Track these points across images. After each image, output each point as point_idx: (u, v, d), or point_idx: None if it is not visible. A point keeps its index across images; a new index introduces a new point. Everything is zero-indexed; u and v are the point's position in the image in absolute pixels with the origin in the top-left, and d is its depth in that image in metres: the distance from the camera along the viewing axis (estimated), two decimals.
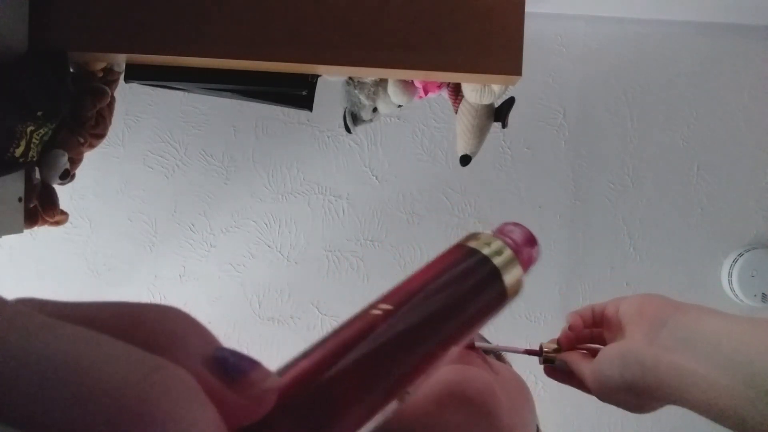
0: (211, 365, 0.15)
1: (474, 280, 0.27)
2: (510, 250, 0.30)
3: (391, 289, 0.26)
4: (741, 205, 1.63)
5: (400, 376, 0.22)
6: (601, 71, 1.62)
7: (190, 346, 0.15)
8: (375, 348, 0.22)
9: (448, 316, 0.25)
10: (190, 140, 1.58)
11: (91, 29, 0.77)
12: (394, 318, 0.23)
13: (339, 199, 1.60)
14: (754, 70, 1.62)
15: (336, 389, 0.20)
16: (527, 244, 0.32)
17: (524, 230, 0.33)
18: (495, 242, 0.30)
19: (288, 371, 0.20)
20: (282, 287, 1.60)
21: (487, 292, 0.28)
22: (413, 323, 0.24)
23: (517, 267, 0.30)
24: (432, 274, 0.27)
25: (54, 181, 0.85)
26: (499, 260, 0.29)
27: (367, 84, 0.99)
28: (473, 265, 0.28)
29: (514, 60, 0.79)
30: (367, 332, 0.22)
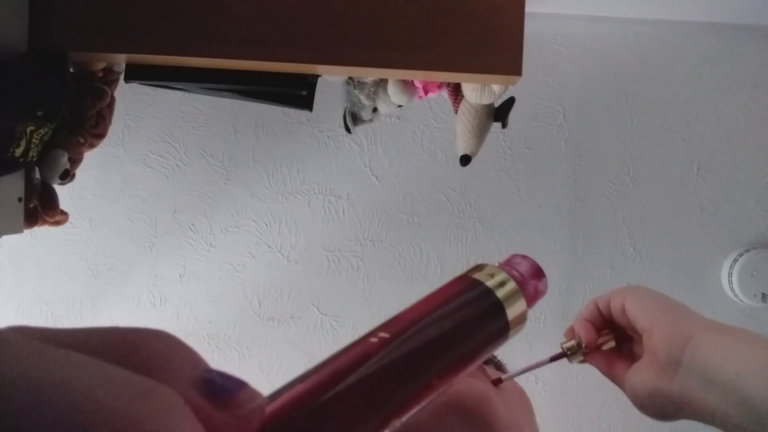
0: (200, 386, 0.15)
1: (475, 311, 0.27)
2: (514, 282, 0.29)
3: (392, 318, 0.25)
4: (741, 205, 1.63)
5: (394, 406, 0.22)
6: (601, 71, 1.62)
7: (179, 369, 0.15)
8: (369, 376, 0.21)
9: (447, 347, 0.25)
10: (190, 140, 1.58)
11: (91, 29, 0.77)
12: (390, 346, 0.23)
13: (339, 199, 1.60)
14: (754, 70, 1.62)
15: (328, 416, 0.20)
16: (534, 277, 0.31)
17: (531, 263, 0.32)
18: (499, 274, 0.29)
19: (281, 395, 0.20)
20: (282, 287, 1.60)
21: (489, 325, 0.27)
22: (410, 353, 0.23)
23: (521, 300, 0.29)
24: (433, 304, 0.27)
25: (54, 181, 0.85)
26: (502, 293, 0.28)
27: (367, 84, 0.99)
28: (475, 297, 0.28)
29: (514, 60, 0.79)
30: (362, 360, 0.22)
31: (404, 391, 0.22)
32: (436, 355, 0.24)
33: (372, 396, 0.21)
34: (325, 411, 0.20)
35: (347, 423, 0.20)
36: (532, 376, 1.60)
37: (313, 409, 0.20)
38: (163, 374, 0.15)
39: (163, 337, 0.16)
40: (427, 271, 1.61)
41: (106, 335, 0.15)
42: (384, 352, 0.22)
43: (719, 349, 0.43)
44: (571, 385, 1.61)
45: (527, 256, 0.32)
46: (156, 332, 0.16)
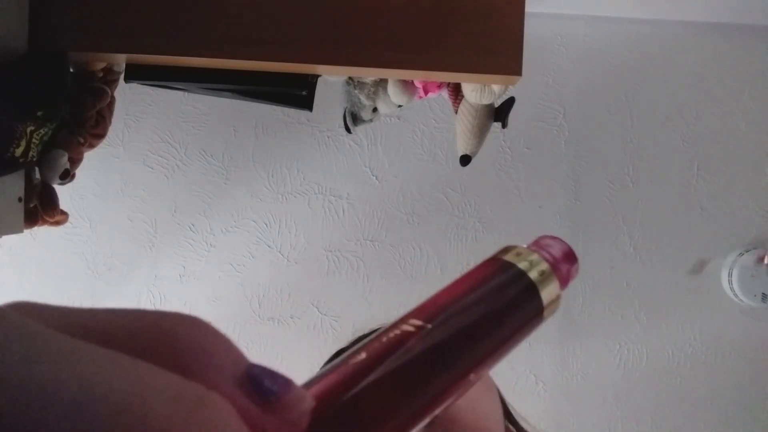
0: (245, 386, 0.14)
1: (510, 295, 0.26)
2: (548, 264, 0.28)
3: (423, 303, 0.25)
4: (741, 205, 1.63)
5: (433, 396, 0.21)
6: (601, 71, 1.62)
7: (220, 365, 0.14)
8: (408, 365, 0.21)
9: (483, 334, 0.24)
10: (190, 140, 1.58)
11: (91, 29, 0.77)
12: (427, 334, 0.22)
13: (339, 199, 1.60)
14: (754, 70, 1.62)
15: (366, 407, 0.19)
16: (566, 260, 0.30)
17: (563, 245, 0.31)
18: (532, 256, 0.28)
19: (315, 386, 0.19)
20: (282, 287, 1.60)
21: (524, 309, 0.26)
22: (447, 340, 0.22)
23: (555, 283, 0.28)
24: (465, 288, 0.26)
25: (54, 181, 0.85)
26: (536, 275, 0.27)
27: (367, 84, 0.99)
28: (509, 280, 0.27)
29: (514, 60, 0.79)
30: (398, 348, 0.21)
31: (442, 380, 0.22)
32: (473, 342, 0.23)
33: (410, 385, 0.21)
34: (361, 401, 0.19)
35: (385, 414, 0.19)
36: (532, 376, 1.60)
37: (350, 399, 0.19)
38: (205, 371, 0.13)
39: (199, 325, 0.14)
40: (427, 271, 1.61)
41: (137, 321, 0.13)
42: (420, 339, 0.22)
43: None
44: (571, 385, 1.61)
45: (557, 238, 0.31)
46: (191, 319, 0.14)
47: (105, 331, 0.13)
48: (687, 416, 1.62)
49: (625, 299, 1.61)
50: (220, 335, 0.15)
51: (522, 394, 1.60)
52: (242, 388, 0.14)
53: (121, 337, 0.13)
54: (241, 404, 0.13)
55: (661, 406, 1.61)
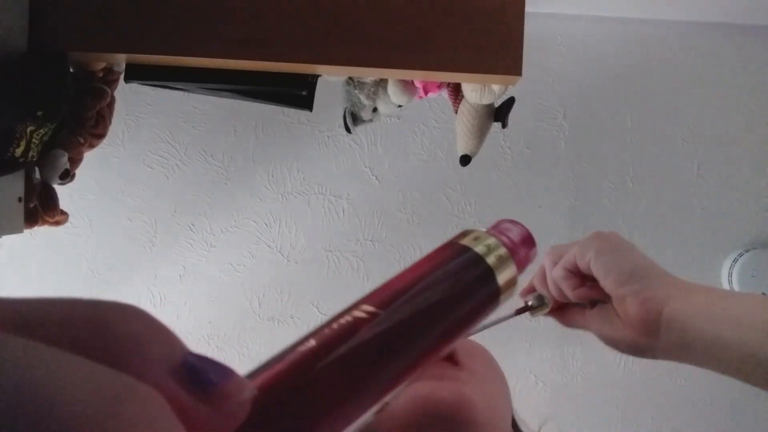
0: (180, 375, 0.13)
1: (465, 279, 0.26)
2: (505, 248, 0.28)
3: (378, 288, 0.24)
4: (741, 205, 1.63)
5: (384, 382, 0.21)
6: (601, 71, 1.62)
7: (154, 353, 0.13)
8: (357, 352, 0.20)
9: (437, 318, 0.24)
10: (190, 140, 1.58)
11: (91, 29, 0.77)
12: (378, 319, 0.21)
13: (339, 199, 1.60)
14: (754, 70, 1.62)
15: (313, 396, 0.18)
16: (524, 244, 0.30)
17: (521, 229, 0.31)
18: (489, 240, 0.28)
19: (260, 375, 0.18)
20: (282, 287, 1.60)
21: (479, 293, 0.26)
22: (399, 325, 0.22)
23: (512, 266, 0.28)
24: (421, 272, 0.25)
25: (54, 181, 0.85)
26: (492, 259, 0.27)
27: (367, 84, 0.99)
28: (465, 264, 0.26)
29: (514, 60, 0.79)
30: (349, 335, 0.20)
31: (395, 365, 0.21)
32: (427, 327, 0.23)
33: (361, 372, 0.20)
34: (311, 389, 0.18)
35: (336, 401, 0.19)
36: (532, 376, 1.60)
37: (299, 386, 0.18)
38: (137, 359, 0.13)
39: (135, 313, 0.14)
40: None
41: (67, 310, 0.13)
42: (372, 325, 0.21)
43: (695, 312, 0.43)
44: (571, 385, 1.61)
45: (517, 222, 0.31)
46: (127, 307, 0.14)
47: (30, 320, 0.12)
48: (687, 416, 1.62)
49: None
50: (156, 324, 0.14)
51: (522, 394, 1.60)
52: (177, 379, 0.13)
53: (48, 327, 0.12)
54: (175, 395, 0.13)
55: (661, 406, 1.61)
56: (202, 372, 0.14)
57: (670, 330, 0.44)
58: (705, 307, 0.43)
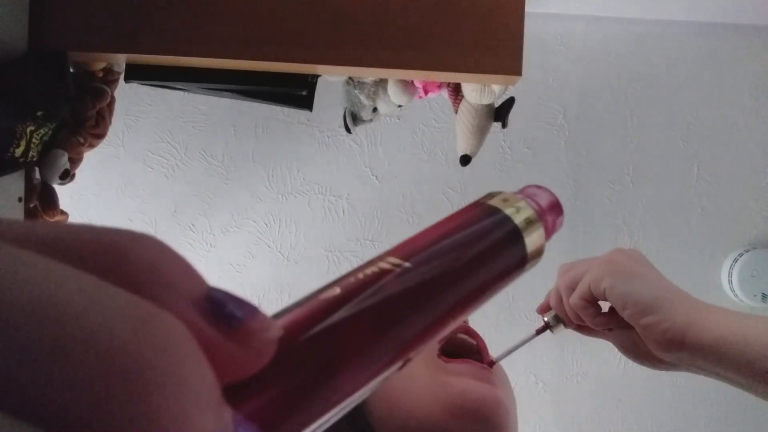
0: (205, 309, 0.13)
1: (494, 239, 0.25)
2: (534, 211, 0.27)
3: (404, 241, 0.23)
4: (741, 205, 1.63)
5: (409, 336, 0.20)
6: (601, 71, 1.62)
7: (177, 285, 0.13)
8: (385, 302, 0.20)
9: (464, 277, 0.23)
10: (190, 140, 1.58)
11: (91, 29, 0.77)
12: (405, 273, 0.21)
13: (339, 199, 1.60)
14: (754, 70, 1.62)
15: (335, 342, 0.18)
16: (552, 211, 0.29)
17: (550, 195, 0.30)
18: (519, 203, 0.27)
19: (283, 317, 0.17)
20: (282, 287, 1.60)
21: (507, 255, 0.25)
22: (427, 280, 0.21)
23: (540, 230, 0.27)
24: (448, 229, 0.24)
25: (54, 181, 0.85)
26: (521, 222, 0.26)
27: (367, 84, 0.99)
28: (494, 224, 0.25)
29: (514, 60, 0.79)
30: (374, 285, 0.20)
31: (421, 321, 0.21)
32: (454, 284, 0.22)
33: (386, 323, 0.19)
34: (331, 337, 0.18)
35: (359, 351, 0.18)
36: (532, 376, 1.60)
37: (319, 333, 0.17)
38: (158, 289, 0.12)
39: (155, 243, 0.13)
40: None
41: (86, 234, 0.12)
42: (399, 277, 0.20)
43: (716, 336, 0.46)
44: (571, 385, 1.61)
45: (544, 187, 0.30)
46: (147, 237, 0.13)
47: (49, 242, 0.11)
48: (687, 416, 1.62)
49: None
50: (178, 256, 0.13)
51: (522, 394, 1.60)
52: (201, 311, 0.13)
53: (67, 249, 0.11)
54: (199, 328, 0.12)
55: (661, 406, 1.61)
56: (227, 306, 0.13)
57: (695, 355, 0.46)
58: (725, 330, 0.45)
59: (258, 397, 0.14)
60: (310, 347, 0.17)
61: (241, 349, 0.13)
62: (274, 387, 0.15)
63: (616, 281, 0.50)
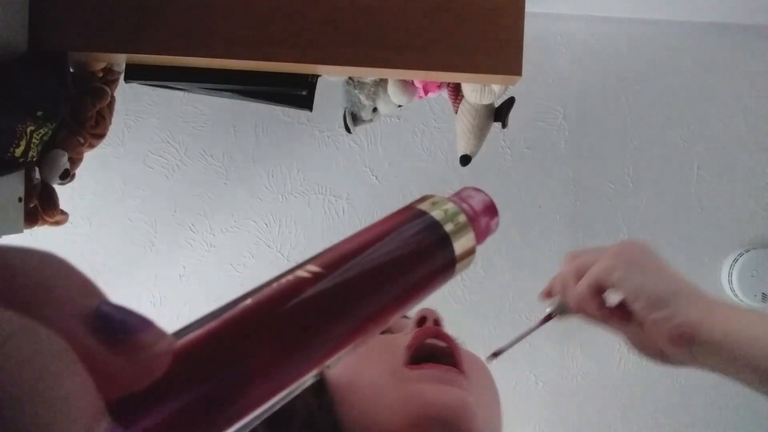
0: (93, 323, 0.13)
1: (418, 243, 0.24)
2: (464, 216, 0.27)
3: (327, 249, 0.23)
4: (741, 205, 1.63)
5: (323, 346, 0.19)
6: (601, 71, 1.62)
7: (64, 300, 0.13)
8: (296, 312, 0.19)
9: (384, 283, 0.22)
10: (190, 140, 1.58)
11: (91, 29, 0.77)
12: (322, 281, 0.20)
13: (339, 199, 1.60)
14: (754, 70, 1.62)
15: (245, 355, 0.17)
16: (486, 213, 0.29)
17: (484, 198, 0.29)
18: (448, 206, 0.27)
19: (190, 332, 0.17)
20: None
21: (433, 259, 0.24)
22: (343, 287, 0.21)
23: (470, 234, 0.27)
24: (373, 234, 0.24)
25: (54, 181, 0.85)
26: (450, 226, 0.26)
27: (367, 84, 0.99)
28: (419, 228, 0.25)
29: (514, 60, 0.79)
30: (289, 294, 0.19)
31: (337, 329, 0.20)
32: (373, 290, 0.21)
33: (300, 333, 0.19)
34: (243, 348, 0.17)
35: (269, 362, 0.17)
36: (532, 376, 1.60)
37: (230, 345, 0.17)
38: (45, 306, 0.12)
39: (49, 259, 0.13)
40: None
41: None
42: (314, 285, 0.20)
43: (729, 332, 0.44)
44: (571, 385, 1.61)
45: (480, 190, 0.30)
46: (41, 254, 0.13)
47: None
48: (687, 416, 1.62)
49: None
50: (71, 271, 0.14)
51: (522, 394, 1.60)
52: (88, 326, 0.13)
53: None
54: (84, 342, 0.12)
55: (661, 406, 1.60)
56: (116, 321, 0.13)
57: (706, 353, 0.46)
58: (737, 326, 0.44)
59: (151, 411, 0.14)
60: (215, 361, 0.16)
61: (129, 362, 0.13)
62: (171, 401, 0.14)
63: (628, 272, 0.49)
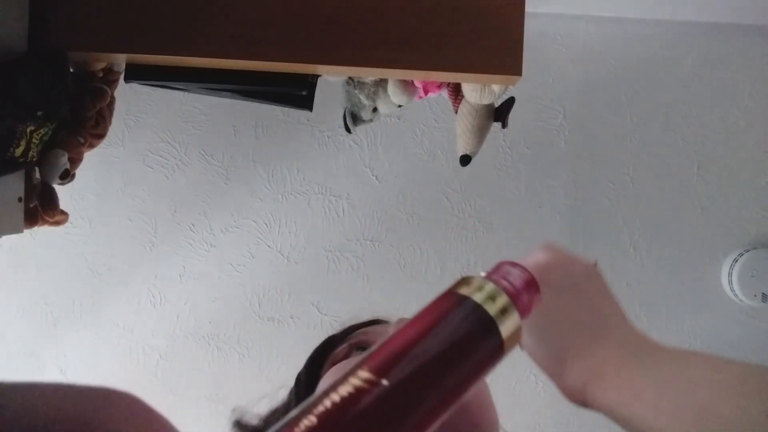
0: None
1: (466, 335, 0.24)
2: (506, 295, 0.26)
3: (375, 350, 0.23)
4: (741, 205, 1.63)
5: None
6: (601, 71, 1.62)
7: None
8: (362, 425, 0.19)
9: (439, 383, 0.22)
10: (190, 140, 1.58)
11: (91, 29, 0.77)
12: (380, 390, 0.20)
13: (339, 199, 1.60)
14: (754, 70, 1.62)
15: None
16: (527, 289, 0.28)
17: (523, 272, 0.28)
18: (488, 287, 0.26)
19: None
20: (282, 287, 1.60)
21: (482, 348, 0.24)
22: (401, 395, 0.21)
23: (515, 316, 0.26)
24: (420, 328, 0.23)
25: (54, 181, 0.85)
26: (494, 309, 0.25)
27: (367, 84, 0.99)
28: (464, 317, 0.24)
29: (514, 60, 0.79)
30: (351, 409, 0.20)
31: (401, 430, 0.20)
32: (430, 393, 0.21)
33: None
34: None
35: None
36: (532, 375, 1.60)
37: None
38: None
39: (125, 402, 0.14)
40: (427, 271, 1.60)
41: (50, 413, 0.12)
42: (373, 395, 0.20)
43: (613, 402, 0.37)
44: None
45: (518, 264, 0.29)
46: (116, 398, 0.13)
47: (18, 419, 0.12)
48: None
49: (624, 299, 1.60)
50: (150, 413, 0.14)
51: (522, 394, 1.60)
52: None
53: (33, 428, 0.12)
54: None
55: None
56: None
57: (598, 410, 0.38)
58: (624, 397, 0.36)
59: None
60: None
61: None
62: None
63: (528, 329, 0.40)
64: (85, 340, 1.58)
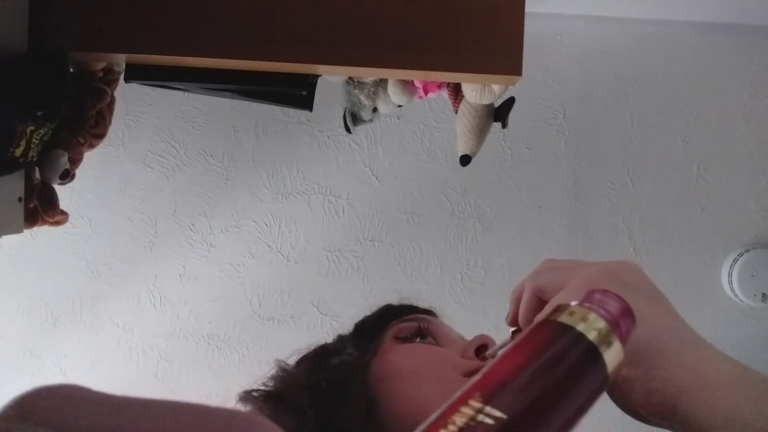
0: None
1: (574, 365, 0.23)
2: (606, 322, 0.25)
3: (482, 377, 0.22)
4: (741, 205, 1.63)
5: None
6: (601, 71, 1.62)
7: None
8: None
9: (554, 419, 0.22)
10: (190, 140, 1.58)
11: (91, 29, 0.77)
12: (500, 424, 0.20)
13: (339, 199, 1.60)
14: (754, 70, 1.62)
15: None
16: (623, 316, 0.27)
17: (619, 300, 0.27)
18: (589, 315, 0.25)
19: None
20: (282, 287, 1.60)
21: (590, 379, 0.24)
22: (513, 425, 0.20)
23: (617, 344, 0.25)
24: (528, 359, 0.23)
25: (54, 181, 0.85)
26: (596, 337, 0.24)
27: (367, 84, 0.99)
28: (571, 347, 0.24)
29: (514, 60, 0.79)
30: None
31: None
32: (545, 429, 0.22)
33: None
34: None
35: None
36: None
37: None
38: None
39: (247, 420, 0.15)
40: (427, 271, 1.60)
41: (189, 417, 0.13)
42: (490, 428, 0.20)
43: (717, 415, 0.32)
44: None
45: (609, 292, 0.27)
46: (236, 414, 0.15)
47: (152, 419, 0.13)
48: None
49: None
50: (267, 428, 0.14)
51: None
52: None
53: None
54: None
55: None
56: None
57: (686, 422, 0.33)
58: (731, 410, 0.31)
59: None
60: None
61: None
62: None
63: None
64: (85, 340, 1.58)
